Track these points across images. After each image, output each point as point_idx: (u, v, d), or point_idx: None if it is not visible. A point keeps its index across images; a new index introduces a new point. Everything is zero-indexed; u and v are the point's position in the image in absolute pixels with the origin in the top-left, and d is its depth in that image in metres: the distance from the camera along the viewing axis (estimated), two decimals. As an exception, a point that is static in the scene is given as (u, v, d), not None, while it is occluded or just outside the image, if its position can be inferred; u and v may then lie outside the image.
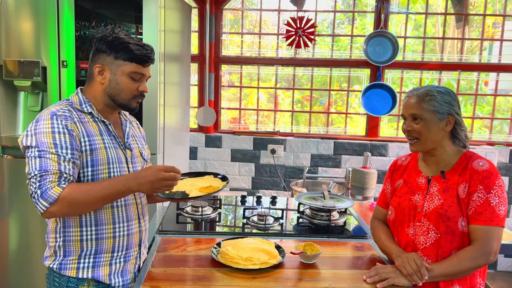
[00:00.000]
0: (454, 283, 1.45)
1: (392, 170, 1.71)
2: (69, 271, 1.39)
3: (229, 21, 3.55)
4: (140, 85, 1.42)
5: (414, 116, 1.48)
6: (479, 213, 1.41)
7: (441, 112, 1.46)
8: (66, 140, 1.29)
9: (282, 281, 1.43)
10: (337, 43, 3.50)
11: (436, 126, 1.47)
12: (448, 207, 1.45)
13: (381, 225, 1.67)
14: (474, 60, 3.41)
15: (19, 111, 2.59)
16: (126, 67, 1.38)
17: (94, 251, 1.40)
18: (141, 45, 1.39)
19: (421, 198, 1.53)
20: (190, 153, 3.47)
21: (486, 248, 1.39)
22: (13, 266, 2.59)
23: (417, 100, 1.48)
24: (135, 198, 1.49)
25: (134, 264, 1.50)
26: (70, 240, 1.38)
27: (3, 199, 2.54)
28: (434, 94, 1.46)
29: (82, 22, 2.79)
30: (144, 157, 1.58)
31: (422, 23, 3.43)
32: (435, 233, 1.47)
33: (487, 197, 1.41)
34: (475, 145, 3.35)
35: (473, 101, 3.45)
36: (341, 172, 3.40)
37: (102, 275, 1.41)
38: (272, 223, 1.98)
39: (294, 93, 3.59)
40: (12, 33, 2.42)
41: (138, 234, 1.51)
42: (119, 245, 1.44)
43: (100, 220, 1.39)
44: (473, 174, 1.45)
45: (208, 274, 1.46)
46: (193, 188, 1.54)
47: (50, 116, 1.32)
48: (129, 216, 1.46)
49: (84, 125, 1.37)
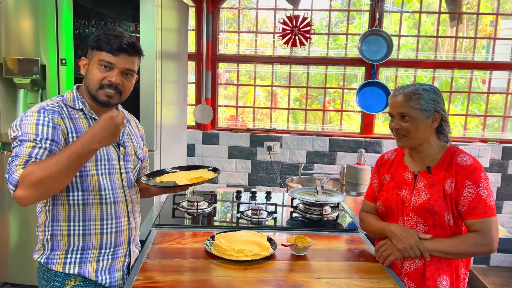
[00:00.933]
0: (441, 273, 1.50)
1: (379, 165, 1.76)
2: (56, 265, 1.39)
3: (226, 19, 3.60)
4: (109, 75, 1.36)
5: (402, 114, 1.53)
6: (473, 208, 1.46)
7: (427, 110, 1.51)
8: (48, 132, 1.28)
9: (273, 272, 1.48)
10: (335, 41, 3.54)
11: (423, 124, 1.51)
12: (435, 202, 1.50)
13: (369, 214, 1.72)
14: (473, 59, 3.44)
15: (18, 108, 2.63)
16: (97, 56, 1.36)
17: (81, 247, 1.40)
18: (117, 36, 1.36)
19: (408, 193, 1.57)
20: (188, 150, 3.52)
21: (488, 237, 1.45)
22: (13, 259, 2.65)
23: (404, 98, 1.52)
24: (125, 196, 1.49)
25: (123, 262, 1.50)
26: (57, 234, 1.39)
27: (3, 194, 2.59)
28: (421, 93, 1.51)
29: (82, 21, 2.83)
30: (138, 156, 1.58)
31: (421, 21, 3.47)
32: (423, 226, 1.52)
33: (477, 191, 1.46)
34: (468, 142, 3.40)
35: (467, 99, 3.50)
36: (336, 168, 3.45)
37: (88, 272, 1.41)
38: (265, 217, 2.03)
39: (290, 91, 3.64)
40: (11, 31, 2.46)
41: (127, 232, 1.50)
42: (107, 242, 1.44)
43: (88, 215, 1.39)
44: (459, 170, 1.50)
45: (201, 265, 1.51)
46: (183, 179, 1.56)
47: (38, 110, 1.32)
48: (118, 213, 1.46)
49: (73, 121, 1.37)
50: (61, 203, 1.38)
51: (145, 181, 1.53)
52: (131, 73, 1.41)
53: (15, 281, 2.70)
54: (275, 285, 1.38)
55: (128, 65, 1.38)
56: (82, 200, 1.38)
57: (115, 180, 1.46)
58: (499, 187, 3.41)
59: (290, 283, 1.40)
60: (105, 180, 1.42)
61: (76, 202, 1.38)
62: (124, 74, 1.39)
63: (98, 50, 1.36)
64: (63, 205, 1.38)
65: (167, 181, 1.55)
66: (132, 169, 1.55)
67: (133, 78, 1.44)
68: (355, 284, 1.42)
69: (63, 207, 1.38)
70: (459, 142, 3.37)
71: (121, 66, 1.37)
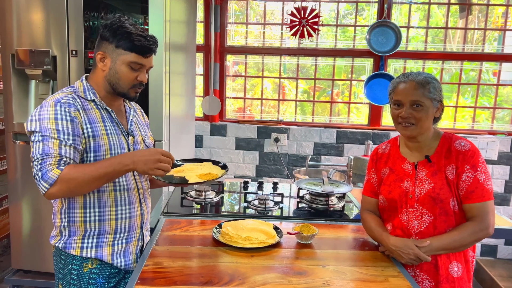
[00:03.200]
0: (452, 260, 1.51)
1: (374, 160, 1.72)
2: (74, 250, 1.45)
3: (234, 11, 3.60)
4: (139, 75, 1.43)
5: (416, 103, 1.49)
6: (471, 192, 1.48)
7: (436, 100, 1.51)
8: (68, 127, 1.34)
9: (279, 259, 1.51)
10: (345, 33, 3.53)
11: (431, 112, 1.51)
12: (440, 190, 1.50)
13: (371, 216, 1.69)
14: (483, 50, 3.41)
15: (30, 99, 2.68)
16: (126, 57, 1.40)
17: (97, 232, 1.46)
18: (143, 36, 1.40)
19: (411, 184, 1.57)
20: (196, 141, 3.55)
21: (484, 222, 1.47)
22: (26, 247, 2.72)
23: (418, 86, 1.49)
24: (136, 183, 1.54)
25: (136, 245, 1.56)
26: (74, 221, 1.45)
27: (16, 182, 2.66)
28: (433, 82, 1.51)
29: (91, 13, 2.86)
30: (146, 144, 1.62)
31: (432, 12, 3.45)
32: (429, 216, 1.52)
33: (475, 175, 1.48)
34: (477, 134, 3.39)
35: (476, 91, 3.47)
36: (343, 160, 3.46)
37: (105, 255, 1.47)
38: (272, 207, 2.06)
39: (298, 83, 3.65)
40: (23, 23, 2.50)
41: (140, 217, 1.56)
42: (121, 227, 1.49)
43: (103, 202, 1.45)
44: (458, 155, 1.50)
45: (208, 252, 1.54)
46: (192, 174, 1.58)
47: (54, 103, 1.36)
48: (131, 199, 1.51)
49: (87, 112, 1.42)
50: None
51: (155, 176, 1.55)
52: (150, 69, 1.50)
53: (28, 268, 2.77)
54: (281, 271, 1.41)
55: (151, 63, 1.48)
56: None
57: None
58: (507, 180, 3.40)
59: (296, 270, 1.43)
60: None
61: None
62: (146, 72, 1.48)
63: (128, 51, 1.39)
64: None
65: (176, 177, 1.58)
66: None
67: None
68: (359, 271, 1.44)
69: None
70: (467, 134, 3.36)
71: (149, 65, 1.46)
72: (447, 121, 3.51)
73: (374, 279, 1.39)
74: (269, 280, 1.35)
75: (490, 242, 3.47)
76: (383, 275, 1.42)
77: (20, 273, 2.80)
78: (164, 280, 1.32)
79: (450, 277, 1.50)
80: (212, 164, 1.70)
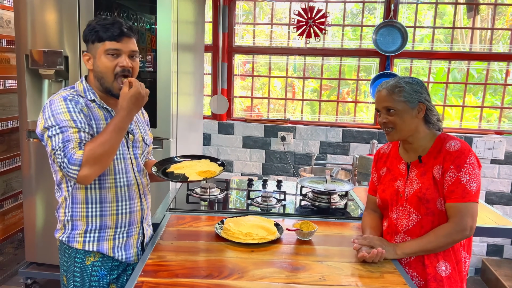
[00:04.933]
0: (440, 259, 1.54)
1: (376, 159, 1.80)
2: (76, 243, 1.51)
3: (244, 10, 3.65)
4: (118, 61, 1.44)
5: (388, 108, 1.56)
6: (451, 191, 1.50)
7: (411, 101, 1.54)
8: (81, 117, 1.41)
9: (278, 254, 1.56)
10: (355, 32, 3.55)
11: (408, 115, 1.55)
12: (426, 190, 1.54)
13: (369, 216, 1.78)
14: (491, 50, 3.41)
15: (44, 97, 2.78)
16: (101, 48, 1.43)
17: (98, 227, 1.51)
18: (110, 23, 1.43)
19: (402, 184, 1.62)
20: (204, 140, 3.62)
21: (461, 224, 1.48)
22: (39, 238, 2.81)
23: (388, 92, 1.56)
24: (136, 179, 1.59)
25: (137, 239, 1.61)
26: (77, 216, 1.50)
27: (30, 178, 2.75)
28: (403, 85, 1.55)
29: (104, 13, 2.93)
30: (146, 142, 1.67)
31: (445, 11, 3.44)
32: (416, 215, 1.57)
33: (458, 175, 1.50)
34: (483, 134, 3.38)
35: (483, 91, 3.47)
36: (349, 159, 3.49)
37: (106, 249, 1.53)
38: (274, 204, 2.11)
39: (304, 82, 3.68)
40: (37, 24, 2.59)
41: (140, 212, 1.61)
42: (122, 222, 1.55)
43: (104, 198, 1.50)
44: (446, 155, 1.53)
45: (210, 246, 1.60)
46: (192, 170, 1.63)
47: (63, 99, 1.43)
48: (131, 195, 1.56)
49: (91, 110, 1.47)
50: (80, 186, 1.48)
51: (156, 173, 1.62)
52: (135, 54, 1.50)
53: (41, 260, 2.87)
54: (279, 266, 1.46)
55: (131, 47, 1.47)
56: (98, 184, 1.49)
57: (128, 165, 1.56)
58: (514, 180, 3.39)
59: (294, 265, 1.48)
60: (119, 164, 1.53)
61: (93, 185, 1.48)
62: (130, 57, 1.47)
63: (100, 42, 1.43)
64: (81, 189, 1.49)
65: (178, 173, 1.63)
66: (141, 155, 1.65)
67: (138, 59, 1.52)
68: (356, 267, 1.49)
69: (81, 190, 1.49)
70: (473, 134, 3.36)
71: (127, 49, 1.45)
72: (456, 121, 3.51)
73: (370, 275, 1.43)
74: (267, 274, 1.40)
75: (496, 242, 3.46)
76: (379, 271, 1.46)
77: (33, 266, 2.90)
78: (166, 273, 1.39)
79: (438, 276, 1.53)
80: (210, 161, 1.74)
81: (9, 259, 3.10)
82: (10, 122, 3.02)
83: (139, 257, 1.61)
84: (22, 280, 2.90)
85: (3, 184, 2.97)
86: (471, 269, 3.49)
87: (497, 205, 3.40)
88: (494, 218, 2.13)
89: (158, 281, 1.33)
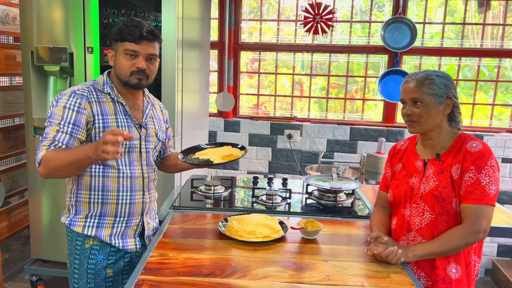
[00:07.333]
0: (451, 261, 1.50)
1: (391, 155, 1.76)
2: (77, 227, 1.59)
3: (251, 7, 3.62)
4: (135, 62, 1.52)
5: (415, 100, 1.51)
6: (469, 192, 1.46)
7: (440, 95, 1.50)
8: (72, 116, 1.47)
9: (282, 253, 1.53)
10: (364, 29, 3.50)
11: (435, 109, 1.50)
12: (443, 189, 1.50)
13: (378, 213, 1.74)
14: (510, 47, 3.32)
15: (49, 94, 2.77)
16: (122, 47, 1.52)
17: (99, 213, 1.59)
18: (134, 25, 1.50)
19: (417, 180, 1.58)
20: (210, 137, 3.60)
21: (475, 226, 1.43)
22: (45, 235, 2.81)
23: (417, 84, 1.51)
24: (142, 172, 1.64)
25: (135, 230, 1.66)
26: (80, 201, 1.59)
27: (35, 175, 2.75)
28: (433, 78, 1.50)
29: (111, 10, 2.92)
30: (159, 137, 1.72)
31: (456, 8, 3.38)
32: (430, 214, 1.52)
33: (477, 176, 1.45)
34: (494, 132, 3.31)
35: (494, 88, 3.39)
36: (356, 157, 3.44)
37: (104, 235, 1.60)
38: (279, 202, 2.07)
39: (311, 79, 3.64)
40: (43, 21, 2.58)
41: (141, 205, 1.66)
42: (121, 211, 1.61)
43: (106, 186, 1.57)
44: (466, 155, 1.48)
45: (213, 244, 1.58)
46: (215, 156, 1.73)
47: (70, 93, 1.52)
48: (133, 187, 1.62)
49: (101, 105, 1.55)
50: (85, 173, 1.56)
51: (182, 158, 1.72)
52: (154, 57, 1.56)
53: (46, 257, 2.87)
54: (282, 265, 1.43)
55: (150, 50, 1.54)
56: (102, 172, 1.56)
57: (134, 157, 1.61)
58: (526, 179, 3.32)
59: (298, 264, 1.45)
60: (124, 157, 1.59)
61: (97, 173, 1.56)
62: (148, 59, 1.55)
63: (122, 41, 1.52)
64: (86, 176, 1.57)
65: (202, 159, 1.74)
66: (153, 149, 1.70)
67: (156, 62, 1.59)
68: (361, 267, 1.45)
69: (86, 177, 1.57)
70: (484, 132, 3.29)
71: (145, 52, 1.53)
72: (467, 119, 3.44)
73: (376, 275, 1.40)
74: (270, 273, 1.37)
75: (507, 242, 3.39)
76: (386, 271, 1.42)
77: (39, 263, 2.90)
78: (168, 271, 1.36)
79: (447, 278, 1.49)
80: (232, 147, 1.85)
81: (15, 256, 3.10)
82: (16, 119, 3.02)
83: (137, 247, 1.67)
84: (28, 277, 2.91)
85: (9, 181, 2.98)
86: (481, 270, 3.42)
87: (508, 204, 3.33)
88: (505, 218, 2.08)
89: (160, 279, 1.31)
